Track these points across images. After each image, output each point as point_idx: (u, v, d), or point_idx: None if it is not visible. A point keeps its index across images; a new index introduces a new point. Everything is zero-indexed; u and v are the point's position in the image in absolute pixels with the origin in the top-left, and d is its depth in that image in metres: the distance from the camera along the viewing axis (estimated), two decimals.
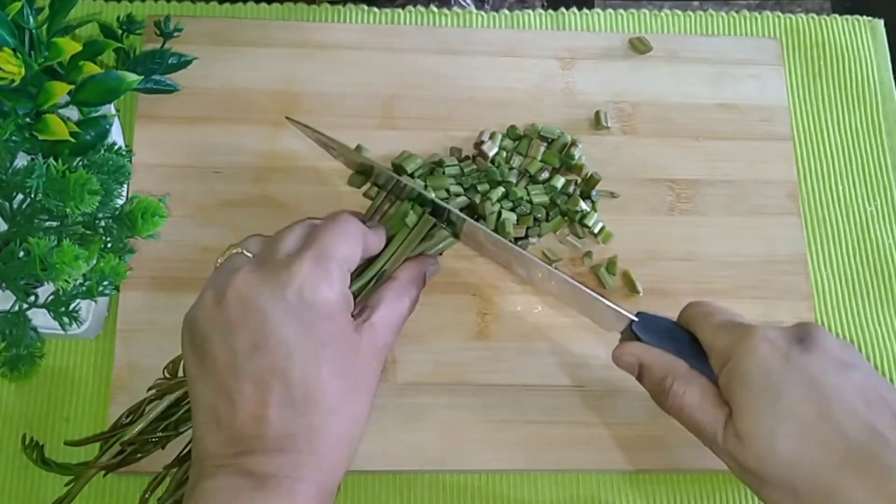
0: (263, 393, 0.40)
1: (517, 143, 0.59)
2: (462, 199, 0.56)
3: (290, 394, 0.40)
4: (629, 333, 0.49)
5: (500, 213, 0.56)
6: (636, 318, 0.48)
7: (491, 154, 0.58)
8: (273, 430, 0.40)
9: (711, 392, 0.44)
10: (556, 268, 0.57)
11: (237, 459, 0.40)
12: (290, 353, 0.41)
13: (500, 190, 0.57)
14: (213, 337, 0.42)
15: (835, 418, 0.40)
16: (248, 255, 0.45)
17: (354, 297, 0.46)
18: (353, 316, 0.45)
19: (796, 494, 0.40)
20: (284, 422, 0.40)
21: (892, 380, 0.58)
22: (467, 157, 0.59)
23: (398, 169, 0.58)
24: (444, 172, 0.57)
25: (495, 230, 0.56)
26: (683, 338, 0.47)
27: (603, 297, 0.49)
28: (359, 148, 0.58)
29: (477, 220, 0.56)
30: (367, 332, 0.44)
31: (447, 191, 0.57)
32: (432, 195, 0.52)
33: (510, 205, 0.57)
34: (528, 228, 0.57)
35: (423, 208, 0.52)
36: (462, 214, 0.52)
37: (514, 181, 0.58)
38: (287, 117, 0.56)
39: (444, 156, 0.59)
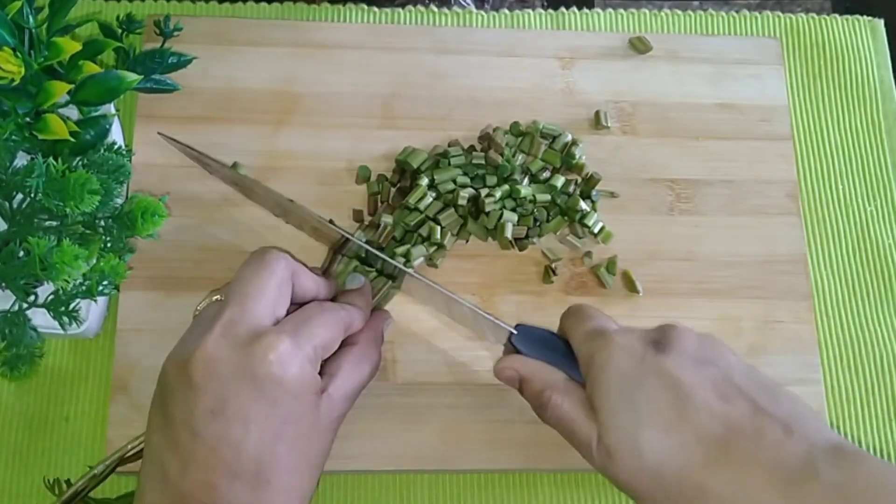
0: (215, 460, 0.39)
1: (520, 140, 0.59)
2: (469, 191, 0.56)
3: (243, 466, 0.39)
4: (510, 346, 0.48)
5: (500, 215, 0.56)
6: (515, 331, 0.48)
7: (503, 144, 0.58)
8: (219, 500, 0.38)
9: (588, 404, 0.43)
10: (554, 274, 0.56)
11: None
12: (247, 425, 0.39)
13: (505, 187, 0.56)
14: (176, 394, 0.40)
15: (692, 417, 0.39)
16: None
17: None
18: None
19: (670, 501, 0.39)
20: (234, 494, 0.39)
21: (892, 379, 0.58)
22: (472, 148, 0.59)
23: (403, 164, 0.57)
24: (449, 163, 0.57)
25: (494, 229, 0.56)
26: (560, 348, 0.47)
27: (482, 310, 0.49)
28: (235, 165, 0.57)
29: (477, 216, 0.56)
30: (326, 405, 0.43)
31: (454, 181, 0.56)
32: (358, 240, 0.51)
33: (512, 203, 0.57)
34: (528, 229, 0.57)
35: (354, 259, 0.51)
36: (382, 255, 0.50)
37: (518, 179, 0.57)
38: (159, 133, 0.54)
39: (446, 148, 0.58)
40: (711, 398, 0.40)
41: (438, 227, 0.55)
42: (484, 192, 0.56)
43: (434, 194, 0.56)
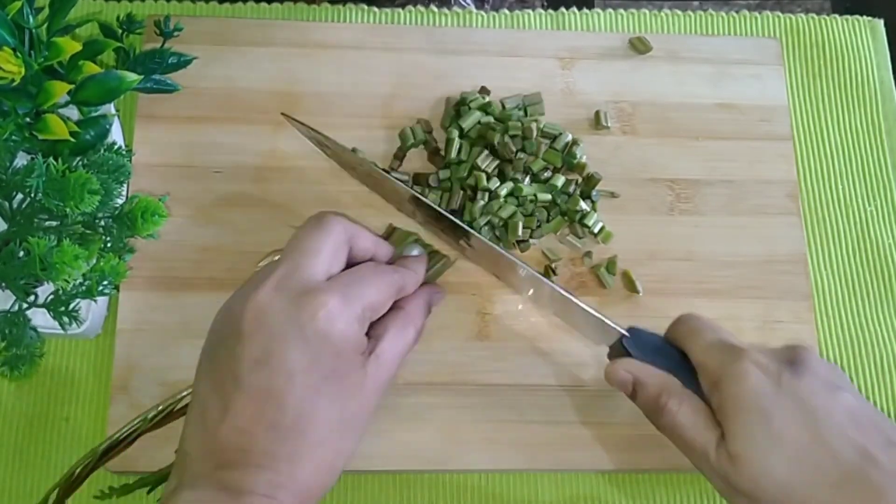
0: (255, 409, 0.40)
1: (523, 139, 0.59)
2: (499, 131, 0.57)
3: (281, 417, 0.40)
4: (619, 348, 0.48)
5: (514, 213, 0.56)
6: (627, 334, 0.48)
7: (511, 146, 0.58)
8: (256, 447, 0.40)
9: (704, 411, 0.45)
10: (554, 274, 0.57)
11: (217, 472, 0.39)
12: (291, 377, 0.40)
13: (509, 185, 0.56)
14: (226, 341, 0.42)
15: (827, 441, 0.41)
16: None
17: None
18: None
19: None
20: (268, 442, 0.40)
21: (892, 379, 0.58)
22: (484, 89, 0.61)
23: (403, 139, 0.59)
24: (469, 108, 0.58)
25: (504, 227, 0.56)
26: (673, 355, 0.47)
27: (595, 310, 0.49)
28: (354, 150, 0.58)
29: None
30: (373, 366, 0.43)
31: (479, 122, 0.58)
32: (428, 201, 0.52)
33: (515, 201, 0.57)
34: (532, 231, 0.57)
35: (418, 218, 0.52)
36: (463, 224, 0.51)
37: (520, 178, 0.57)
38: (283, 114, 0.56)
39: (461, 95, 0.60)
40: (847, 425, 0.42)
41: (484, 175, 0.56)
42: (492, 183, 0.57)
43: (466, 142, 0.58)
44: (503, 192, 0.56)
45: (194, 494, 0.39)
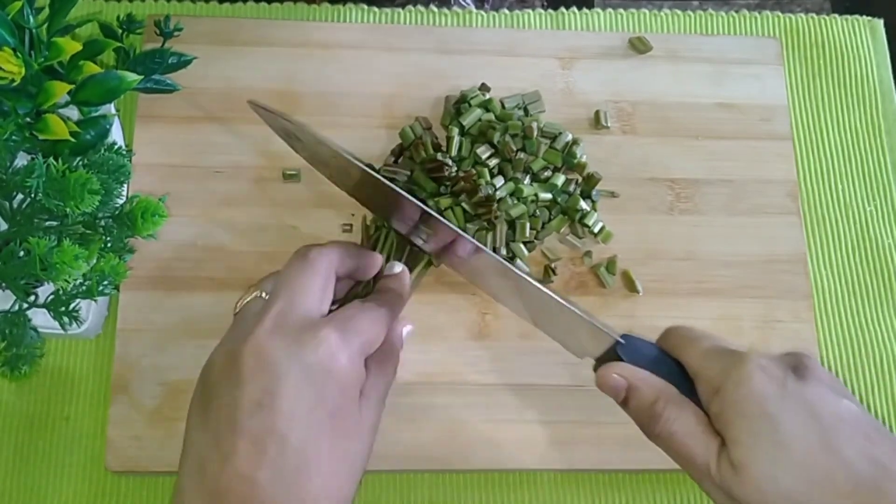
0: (258, 454, 0.38)
1: (523, 139, 0.59)
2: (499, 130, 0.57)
3: (284, 460, 0.39)
4: (611, 356, 0.46)
5: (522, 213, 0.56)
6: (622, 340, 0.45)
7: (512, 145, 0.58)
8: (259, 495, 0.38)
9: (704, 420, 0.42)
10: (553, 274, 0.56)
11: None
12: (293, 417, 0.39)
13: (510, 185, 0.56)
14: (221, 387, 0.40)
15: (838, 449, 0.39)
16: (266, 298, 0.44)
17: None
18: None
19: None
20: (272, 487, 0.38)
21: (892, 380, 0.58)
22: (485, 86, 0.61)
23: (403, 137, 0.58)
24: (469, 105, 0.58)
25: (511, 227, 0.56)
26: (669, 363, 0.45)
27: (584, 313, 0.46)
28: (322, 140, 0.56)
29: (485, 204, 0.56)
30: (365, 406, 0.43)
31: (480, 119, 0.58)
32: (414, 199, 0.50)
33: (515, 201, 0.57)
34: (537, 232, 0.57)
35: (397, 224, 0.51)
36: (447, 222, 0.49)
37: (521, 178, 0.57)
38: (249, 101, 0.54)
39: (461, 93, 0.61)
40: (857, 435, 0.40)
41: (486, 170, 0.56)
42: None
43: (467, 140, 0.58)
44: (504, 192, 0.56)
45: None
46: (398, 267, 0.51)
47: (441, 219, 0.48)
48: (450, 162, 0.57)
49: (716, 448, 0.41)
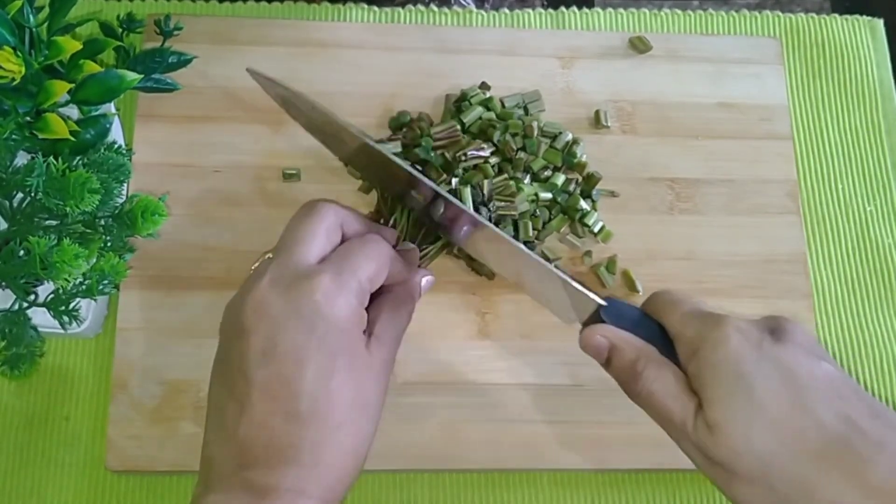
0: (270, 401, 0.40)
1: (523, 138, 0.59)
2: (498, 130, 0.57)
3: (296, 405, 0.40)
4: (597, 320, 0.47)
5: (527, 211, 0.56)
6: (605, 303, 0.46)
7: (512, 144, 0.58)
8: (277, 441, 0.39)
9: (683, 380, 0.43)
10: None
11: (241, 472, 0.39)
12: (300, 362, 0.40)
13: (511, 184, 0.56)
14: (231, 341, 0.42)
15: (811, 408, 0.39)
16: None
17: None
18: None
19: (771, 487, 0.39)
20: (289, 433, 0.39)
21: (892, 379, 0.58)
22: (485, 85, 0.61)
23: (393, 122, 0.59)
24: (469, 104, 0.58)
25: (515, 227, 0.56)
26: (651, 326, 0.46)
27: (571, 278, 0.47)
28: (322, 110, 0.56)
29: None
30: (375, 346, 0.43)
31: (481, 118, 0.58)
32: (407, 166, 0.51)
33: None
34: (538, 232, 0.57)
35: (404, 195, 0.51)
36: (447, 195, 0.49)
37: (521, 177, 0.57)
38: (248, 69, 0.53)
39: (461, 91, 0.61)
40: (830, 393, 0.40)
41: (489, 165, 0.56)
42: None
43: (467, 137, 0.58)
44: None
45: (221, 498, 0.39)
46: (408, 246, 0.51)
47: (424, 178, 0.49)
48: (458, 128, 0.57)
49: (693, 408, 0.41)
